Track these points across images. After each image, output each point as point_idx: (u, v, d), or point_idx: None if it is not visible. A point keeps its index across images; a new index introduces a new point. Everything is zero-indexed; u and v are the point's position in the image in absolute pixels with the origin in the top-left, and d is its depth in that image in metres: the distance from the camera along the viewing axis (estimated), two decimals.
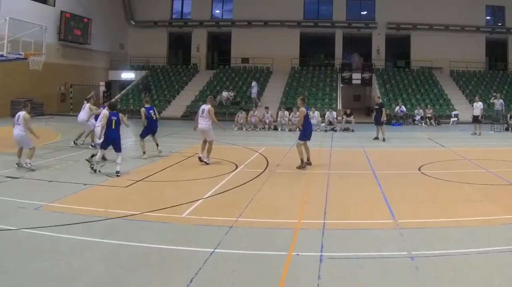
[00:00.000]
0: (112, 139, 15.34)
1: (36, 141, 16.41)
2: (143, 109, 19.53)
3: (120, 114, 15.82)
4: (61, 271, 7.40)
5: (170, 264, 7.75)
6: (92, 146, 19.64)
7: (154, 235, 9.30)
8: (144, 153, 18.69)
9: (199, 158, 17.55)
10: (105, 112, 16.06)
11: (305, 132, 17.36)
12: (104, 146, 15.64)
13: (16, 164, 15.75)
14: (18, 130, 15.81)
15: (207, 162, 17.38)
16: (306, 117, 17.43)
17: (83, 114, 21.25)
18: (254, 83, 44.32)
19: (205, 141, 17.83)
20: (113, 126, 15.24)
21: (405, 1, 49.77)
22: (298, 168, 16.80)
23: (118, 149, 15.29)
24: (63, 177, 14.20)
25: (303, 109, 17.23)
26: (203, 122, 17.66)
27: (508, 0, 50.10)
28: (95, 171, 15.22)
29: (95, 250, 8.33)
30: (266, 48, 50.85)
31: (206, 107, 17.88)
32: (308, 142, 17.33)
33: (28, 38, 21.70)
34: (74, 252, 8.21)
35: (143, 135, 19.33)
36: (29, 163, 15.49)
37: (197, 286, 6.93)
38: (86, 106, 21.28)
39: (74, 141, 21.43)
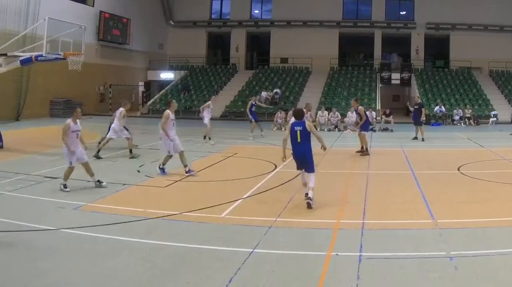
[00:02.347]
0: (297, 156, 11.82)
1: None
2: None
3: (308, 123, 12.01)
4: (99, 270, 7.53)
5: (209, 264, 7.79)
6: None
7: (193, 235, 9.37)
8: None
9: None
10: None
11: (368, 124, 21.73)
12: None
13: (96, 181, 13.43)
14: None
15: None
16: (365, 112, 21.09)
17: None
18: (276, 90, 44.56)
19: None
20: (298, 139, 11.63)
21: (444, 2, 49.29)
22: (358, 152, 20.22)
23: (308, 168, 11.64)
24: (102, 177, 13.98)
25: (361, 107, 21.11)
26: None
27: None
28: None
29: (134, 250, 8.45)
30: (305, 48, 50.74)
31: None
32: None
33: (67, 38, 21.73)
34: (113, 252, 8.33)
35: None
36: (62, 185, 12.90)
37: (236, 286, 6.97)
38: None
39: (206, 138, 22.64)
